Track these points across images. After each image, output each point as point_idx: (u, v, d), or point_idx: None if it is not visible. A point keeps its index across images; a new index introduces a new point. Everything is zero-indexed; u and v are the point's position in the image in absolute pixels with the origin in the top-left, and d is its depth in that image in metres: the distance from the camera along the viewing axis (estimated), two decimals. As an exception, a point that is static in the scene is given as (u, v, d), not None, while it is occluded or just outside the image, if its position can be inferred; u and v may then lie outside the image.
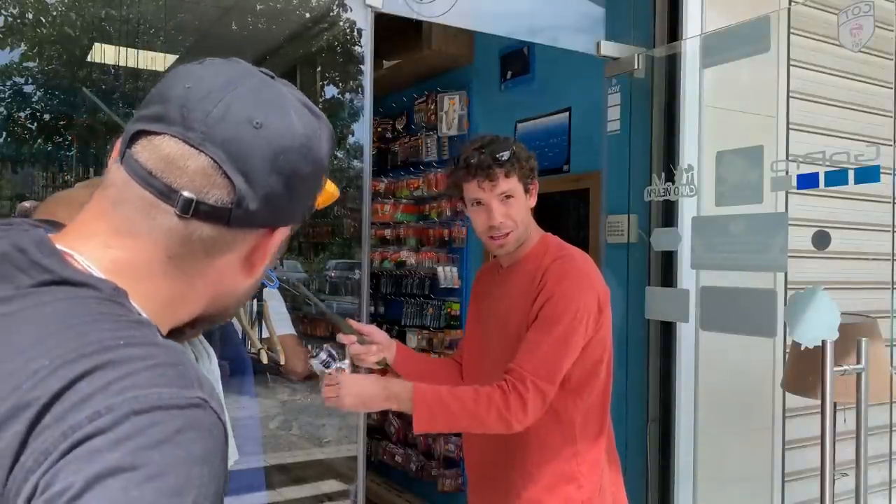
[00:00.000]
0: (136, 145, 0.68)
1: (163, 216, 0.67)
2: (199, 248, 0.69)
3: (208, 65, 0.71)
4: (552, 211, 3.33)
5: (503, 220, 1.78)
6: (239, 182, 0.67)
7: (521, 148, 1.82)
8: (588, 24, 2.80)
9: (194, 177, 0.66)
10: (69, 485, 0.50)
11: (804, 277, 2.38)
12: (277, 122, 0.69)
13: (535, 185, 1.84)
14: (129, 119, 0.73)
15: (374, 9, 2.25)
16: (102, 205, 0.70)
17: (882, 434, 2.33)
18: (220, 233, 0.69)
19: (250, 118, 0.67)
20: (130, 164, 0.68)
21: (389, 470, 4.45)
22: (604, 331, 1.80)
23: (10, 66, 2.11)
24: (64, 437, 0.52)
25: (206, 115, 0.66)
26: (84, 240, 0.69)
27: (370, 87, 2.30)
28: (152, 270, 0.69)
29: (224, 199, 0.67)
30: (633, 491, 1.99)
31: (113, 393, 0.55)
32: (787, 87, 2.76)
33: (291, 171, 0.70)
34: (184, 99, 0.67)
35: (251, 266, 0.74)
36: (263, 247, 0.73)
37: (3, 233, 0.71)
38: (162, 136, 0.67)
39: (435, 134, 4.25)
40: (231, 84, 0.69)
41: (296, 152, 0.70)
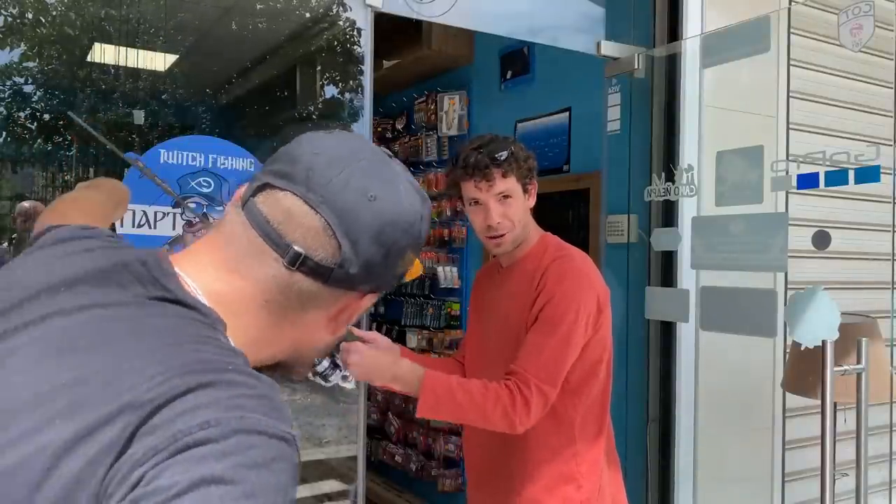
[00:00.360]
0: (260, 195, 0.75)
1: (270, 263, 0.74)
2: (296, 299, 0.75)
3: (335, 135, 0.80)
4: (552, 211, 3.33)
5: (500, 220, 1.78)
6: (345, 246, 0.73)
7: (520, 148, 1.81)
8: (588, 24, 2.80)
9: (307, 234, 0.73)
10: (175, 482, 0.54)
11: (804, 277, 2.38)
12: (389, 197, 0.76)
13: (533, 185, 1.83)
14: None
15: (374, 9, 2.25)
16: (217, 240, 0.78)
17: (882, 434, 2.33)
18: (317, 288, 0.75)
19: (366, 190, 0.74)
20: (252, 210, 0.75)
21: (389, 470, 4.45)
22: (603, 331, 1.80)
23: (10, 66, 2.10)
24: (174, 438, 0.57)
25: (327, 181, 0.73)
26: (195, 267, 0.76)
27: (370, 87, 2.30)
28: (248, 309, 0.75)
29: (329, 259, 0.74)
30: (633, 491, 1.99)
31: (222, 409, 0.59)
32: (787, 87, 2.76)
33: (392, 243, 0.76)
34: (310, 163, 0.75)
35: (336, 324, 0.81)
36: (351, 308, 0.80)
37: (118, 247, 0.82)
38: (285, 192, 0.74)
39: (435, 134, 4.25)
40: (353, 156, 0.76)
41: (399, 228, 0.76)
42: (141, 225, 1.87)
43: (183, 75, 2.30)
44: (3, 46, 2.08)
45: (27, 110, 2.20)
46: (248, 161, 2.01)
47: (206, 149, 1.96)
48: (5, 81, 2.11)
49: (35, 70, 2.19)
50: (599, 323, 1.78)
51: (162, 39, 2.25)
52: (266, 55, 2.57)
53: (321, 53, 2.63)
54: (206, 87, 2.42)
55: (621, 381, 2.59)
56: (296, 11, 2.56)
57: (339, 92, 2.86)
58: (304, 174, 0.74)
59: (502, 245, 1.83)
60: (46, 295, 0.72)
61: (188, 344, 0.66)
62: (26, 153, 2.24)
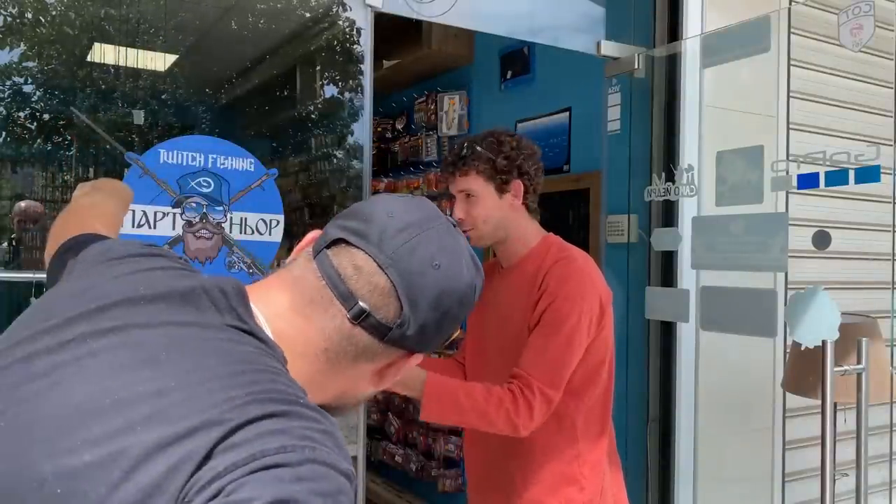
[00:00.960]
0: (334, 249, 0.80)
1: (335, 314, 0.79)
2: (352, 351, 0.80)
3: (409, 201, 0.85)
4: (552, 211, 3.33)
5: (461, 217, 1.79)
6: (406, 308, 0.78)
7: (492, 144, 1.78)
8: (588, 23, 2.79)
9: (373, 292, 0.78)
10: (254, 496, 0.58)
11: (804, 277, 2.38)
12: (451, 268, 0.81)
13: (516, 184, 1.80)
14: None
15: (374, 8, 2.25)
16: (284, 279, 0.82)
17: (882, 434, 2.33)
18: (373, 344, 0.80)
19: (432, 259, 0.79)
20: (324, 262, 0.80)
21: (389, 470, 4.45)
22: (606, 332, 1.80)
23: (10, 66, 2.10)
24: (254, 458, 0.60)
25: (399, 245, 0.79)
26: (264, 303, 0.80)
27: (370, 87, 2.30)
28: (307, 353, 0.79)
29: (389, 319, 0.78)
30: (633, 491, 1.99)
31: (296, 437, 0.63)
32: (787, 87, 2.76)
33: (447, 311, 0.81)
34: (384, 225, 0.80)
35: (381, 379, 0.86)
36: (398, 365, 0.85)
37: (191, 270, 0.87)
38: (358, 250, 0.79)
39: (435, 134, 4.25)
40: (424, 224, 0.81)
41: (456, 297, 0.82)
42: (141, 225, 1.87)
43: (183, 75, 2.30)
44: (3, 46, 2.07)
45: (27, 110, 2.20)
46: (249, 161, 2.01)
47: (206, 149, 1.96)
48: (5, 81, 2.11)
49: (35, 70, 2.19)
50: (602, 324, 1.77)
51: (162, 39, 2.25)
52: (266, 55, 2.57)
53: (321, 53, 2.63)
54: (206, 87, 2.42)
55: (621, 381, 2.58)
56: (296, 11, 2.56)
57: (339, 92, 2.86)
58: (377, 235, 0.79)
59: (472, 241, 1.83)
60: (126, 306, 0.75)
61: (263, 373, 0.70)
62: (26, 153, 2.24)
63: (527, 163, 1.81)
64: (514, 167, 1.79)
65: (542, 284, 1.74)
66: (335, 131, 3.79)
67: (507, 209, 1.80)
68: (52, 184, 2.36)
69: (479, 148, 1.77)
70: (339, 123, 3.91)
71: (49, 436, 0.65)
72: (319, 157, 4.17)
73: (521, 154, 1.80)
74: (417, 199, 0.86)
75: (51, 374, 0.70)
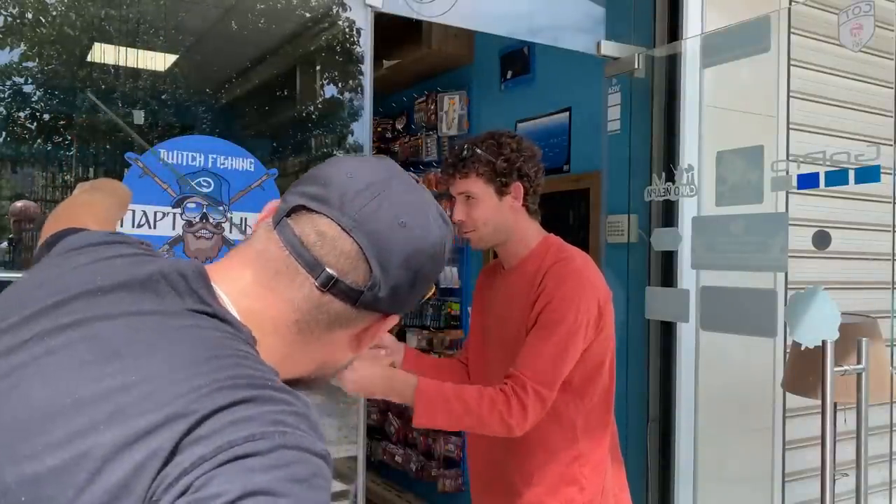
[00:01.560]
0: (295, 217, 0.77)
1: (302, 284, 0.75)
2: (324, 320, 0.77)
3: (367, 160, 0.82)
4: (552, 211, 3.33)
5: (461, 220, 1.79)
6: (376, 270, 0.75)
7: (492, 146, 1.78)
8: (588, 23, 2.80)
9: (340, 257, 0.75)
10: (224, 491, 0.56)
11: (804, 277, 2.38)
12: (419, 225, 0.78)
13: (516, 186, 1.79)
14: None
15: (374, 8, 2.25)
16: (246, 254, 0.79)
17: (882, 434, 2.33)
18: (345, 310, 0.77)
19: (397, 217, 0.76)
20: (285, 231, 0.76)
21: (389, 470, 4.45)
22: (605, 333, 1.79)
23: (10, 66, 2.10)
24: (221, 449, 0.58)
25: (361, 206, 0.75)
26: (227, 282, 0.77)
27: (370, 87, 2.30)
28: (277, 327, 0.76)
29: (359, 283, 0.75)
30: (633, 491, 1.98)
31: (265, 423, 0.61)
32: (787, 87, 2.76)
33: (419, 269, 0.78)
34: (344, 187, 0.76)
35: (359, 344, 0.83)
36: (374, 328, 0.82)
37: (152, 255, 0.82)
38: (320, 216, 0.76)
39: (435, 134, 4.25)
40: (385, 182, 0.78)
41: (426, 254, 0.79)
42: (141, 225, 1.87)
43: (183, 75, 2.30)
44: (3, 46, 2.07)
45: (27, 110, 2.20)
46: (249, 161, 2.01)
47: (206, 149, 1.96)
48: (5, 81, 2.11)
49: (35, 70, 2.19)
50: (601, 325, 1.77)
51: (162, 39, 2.25)
52: (266, 55, 2.57)
53: (321, 53, 2.63)
54: (206, 87, 2.42)
55: (621, 381, 2.58)
56: (296, 11, 2.55)
57: (339, 92, 2.86)
58: (338, 198, 0.76)
59: (472, 243, 1.84)
60: (85, 299, 0.72)
61: (228, 358, 0.67)
62: (26, 153, 2.24)
63: (527, 165, 1.80)
64: (514, 169, 1.78)
65: (541, 285, 1.74)
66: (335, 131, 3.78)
67: (507, 211, 1.80)
68: (52, 184, 2.36)
69: (480, 150, 1.76)
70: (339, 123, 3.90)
71: (9, 442, 0.62)
72: (319, 157, 4.17)
73: (522, 156, 1.80)
74: (376, 158, 0.83)
75: (10, 375, 0.67)
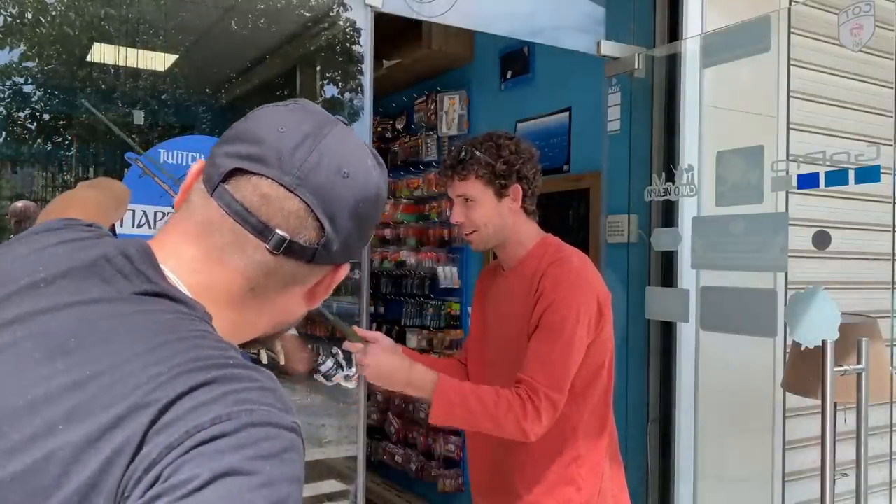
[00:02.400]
0: (232, 181, 0.73)
1: (254, 250, 0.73)
2: (280, 282, 0.75)
3: (293, 109, 0.77)
4: (552, 211, 3.33)
5: (461, 221, 1.80)
6: (327, 226, 0.73)
7: (491, 148, 1.78)
8: (588, 23, 2.79)
9: (289, 217, 0.72)
10: (195, 475, 0.55)
11: (804, 277, 2.38)
12: (360, 172, 0.76)
13: (514, 188, 1.80)
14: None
15: (374, 8, 2.25)
16: (187, 227, 0.75)
17: (882, 434, 2.33)
18: (299, 268, 0.75)
19: (339, 168, 0.74)
20: (225, 198, 0.72)
21: (389, 470, 4.45)
22: (605, 333, 1.79)
23: (10, 66, 2.10)
24: (188, 434, 0.57)
25: (301, 161, 0.72)
26: (172, 258, 0.73)
27: (370, 87, 2.30)
28: (232, 298, 0.74)
29: (312, 240, 0.73)
30: (633, 491, 1.98)
31: (230, 403, 0.60)
32: (787, 87, 2.76)
33: (366, 216, 0.77)
34: (279, 144, 0.72)
35: (314, 297, 0.82)
36: (329, 280, 0.81)
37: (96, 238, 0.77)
38: (259, 177, 0.72)
39: (435, 134, 4.25)
40: (319, 132, 0.75)
41: (371, 201, 0.77)
42: (141, 225, 1.87)
43: (183, 75, 2.30)
44: (3, 46, 2.07)
45: (27, 110, 2.20)
46: (248, 161, 2.01)
47: (206, 149, 1.95)
48: (5, 81, 2.11)
49: (35, 70, 2.19)
50: (601, 325, 1.77)
51: (162, 39, 2.25)
52: (266, 55, 2.57)
53: (321, 53, 2.63)
54: (206, 86, 2.42)
55: (621, 381, 2.58)
56: (296, 11, 2.55)
57: (339, 92, 2.86)
58: (275, 156, 0.72)
59: (472, 244, 1.85)
60: (27, 292, 0.69)
61: (185, 340, 0.65)
62: (26, 153, 2.24)
63: (525, 166, 1.81)
64: (513, 171, 1.79)
65: (539, 287, 1.74)
66: (335, 131, 3.77)
67: (507, 213, 1.81)
68: (52, 184, 2.36)
69: (479, 152, 1.76)
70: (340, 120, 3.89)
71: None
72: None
73: (521, 158, 1.80)
74: (302, 105, 0.79)
75: None
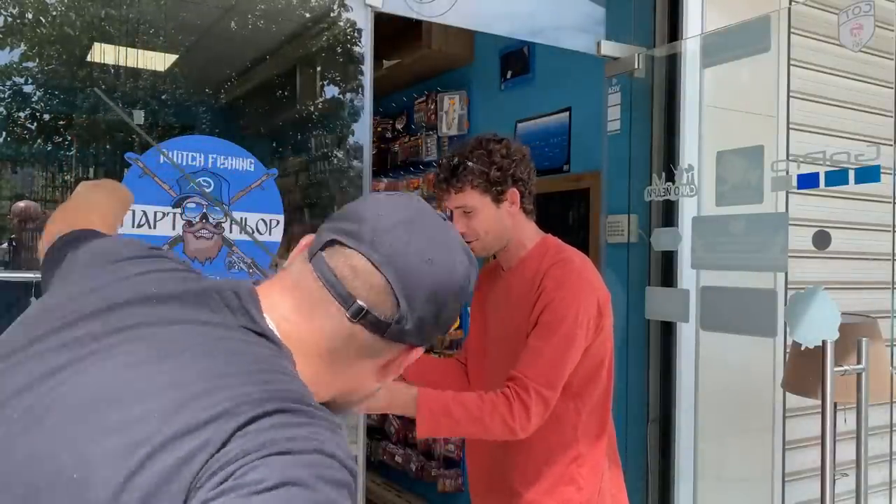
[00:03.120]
0: (329, 251, 0.82)
1: (335, 314, 0.81)
2: (353, 348, 0.83)
3: (398, 198, 0.87)
4: (552, 211, 3.33)
5: (463, 231, 1.79)
6: (403, 305, 0.81)
7: (482, 156, 1.76)
8: (588, 23, 2.79)
9: (370, 291, 0.80)
10: (263, 478, 0.62)
11: (804, 277, 2.38)
12: (445, 263, 0.84)
13: (511, 193, 1.79)
14: None
15: (374, 8, 2.25)
16: (285, 283, 0.85)
17: (882, 434, 2.33)
18: (373, 341, 0.82)
19: (424, 254, 0.82)
20: (320, 264, 0.82)
21: (389, 470, 4.45)
22: (604, 334, 1.79)
23: (10, 66, 2.10)
24: (264, 445, 0.64)
25: (391, 243, 0.81)
26: (269, 306, 0.83)
27: (370, 87, 2.30)
28: (309, 352, 0.82)
29: (387, 315, 0.81)
30: (633, 491, 1.99)
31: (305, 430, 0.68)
32: (787, 87, 2.76)
33: (443, 304, 0.84)
34: (375, 224, 0.82)
35: (384, 374, 0.89)
36: (400, 360, 0.87)
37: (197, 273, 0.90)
38: (352, 251, 0.81)
39: (435, 134, 4.25)
40: (415, 220, 0.84)
41: (451, 291, 0.84)
42: (141, 225, 1.87)
43: (183, 75, 2.30)
44: (3, 46, 2.07)
45: (27, 110, 2.20)
46: (249, 161, 2.01)
47: (206, 149, 1.96)
48: (5, 81, 2.11)
49: (35, 70, 2.19)
50: (600, 326, 1.77)
51: (162, 39, 2.25)
52: (266, 55, 2.57)
53: (321, 53, 2.63)
54: (206, 87, 2.42)
55: (621, 381, 2.58)
56: (296, 11, 2.55)
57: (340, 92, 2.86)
58: (369, 234, 0.81)
59: (475, 252, 1.84)
60: (139, 305, 0.79)
61: (276, 373, 0.74)
62: (26, 153, 2.24)
63: (519, 168, 1.80)
64: (508, 176, 1.78)
65: (540, 287, 1.74)
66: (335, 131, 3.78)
67: (506, 217, 1.81)
68: (52, 184, 2.36)
69: (471, 163, 1.75)
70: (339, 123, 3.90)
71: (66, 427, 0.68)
72: (319, 157, 4.17)
73: (513, 161, 1.79)
74: (406, 196, 0.88)
75: (66, 368, 0.72)
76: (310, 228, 0.91)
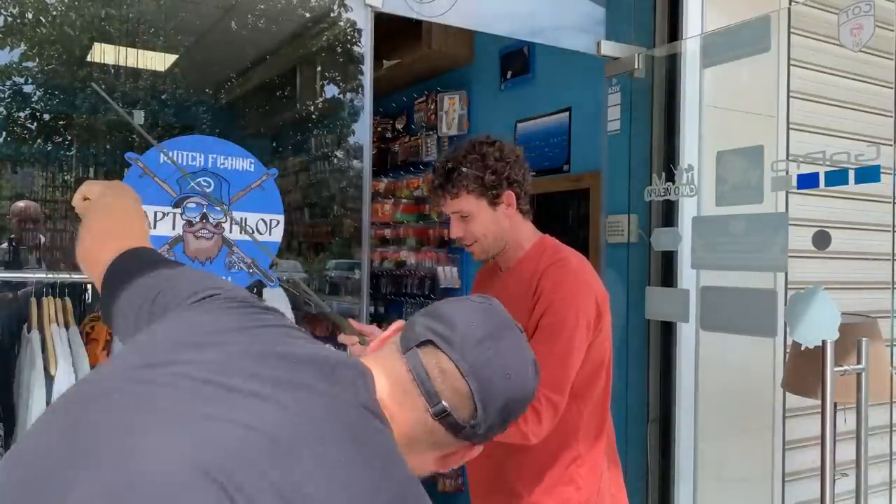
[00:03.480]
0: (423, 349, 0.91)
1: (420, 408, 0.89)
2: (430, 441, 0.92)
3: (487, 311, 0.96)
4: (552, 211, 3.33)
5: (460, 236, 1.79)
6: (480, 411, 0.89)
7: (476, 160, 1.76)
8: (588, 23, 2.80)
9: (454, 394, 0.89)
10: None
11: (804, 277, 2.38)
12: (520, 378, 0.93)
13: (507, 195, 1.78)
14: None
15: (374, 8, 2.25)
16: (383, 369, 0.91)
17: (882, 434, 2.33)
18: (447, 437, 0.91)
19: (505, 369, 0.91)
20: (414, 361, 0.90)
21: (389, 470, 4.44)
22: (603, 334, 1.79)
23: (10, 66, 2.10)
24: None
25: (478, 355, 0.90)
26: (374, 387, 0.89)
27: (370, 87, 2.30)
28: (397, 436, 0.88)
29: (464, 419, 0.90)
30: (633, 491, 1.99)
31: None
32: (787, 87, 2.76)
33: (512, 412, 0.94)
34: (466, 333, 0.91)
35: (444, 463, 0.98)
36: (462, 454, 0.97)
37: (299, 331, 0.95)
38: (443, 354, 0.90)
39: (435, 134, 4.25)
40: (501, 335, 0.93)
41: (520, 402, 0.94)
42: (141, 225, 1.87)
43: (183, 75, 2.30)
44: (3, 46, 2.07)
45: (27, 110, 2.20)
46: (249, 161, 2.01)
47: (206, 149, 1.95)
48: (5, 81, 2.11)
49: (35, 70, 2.19)
50: (599, 326, 1.76)
51: (162, 39, 2.26)
52: (266, 55, 2.57)
53: (321, 53, 2.64)
54: (206, 86, 2.42)
55: (621, 381, 2.59)
56: (296, 11, 2.56)
57: (340, 92, 2.86)
58: (460, 342, 0.90)
59: (474, 255, 1.85)
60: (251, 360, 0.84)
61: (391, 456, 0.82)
62: (26, 153, 2.24)
63: (514, 170, 1.79)
64: (503, 179, 1.77)
65: (538, 288, 1.73)
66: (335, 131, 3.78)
67: (503, 219, 1.80)
68: (52, 184, 2.36)
69: (465, 168, 1.74)
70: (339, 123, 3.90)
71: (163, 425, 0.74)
72: (319, 156, 4.17)
73: (507, 164, 1.78)
74: (494, 309, 0.97)
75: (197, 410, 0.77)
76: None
